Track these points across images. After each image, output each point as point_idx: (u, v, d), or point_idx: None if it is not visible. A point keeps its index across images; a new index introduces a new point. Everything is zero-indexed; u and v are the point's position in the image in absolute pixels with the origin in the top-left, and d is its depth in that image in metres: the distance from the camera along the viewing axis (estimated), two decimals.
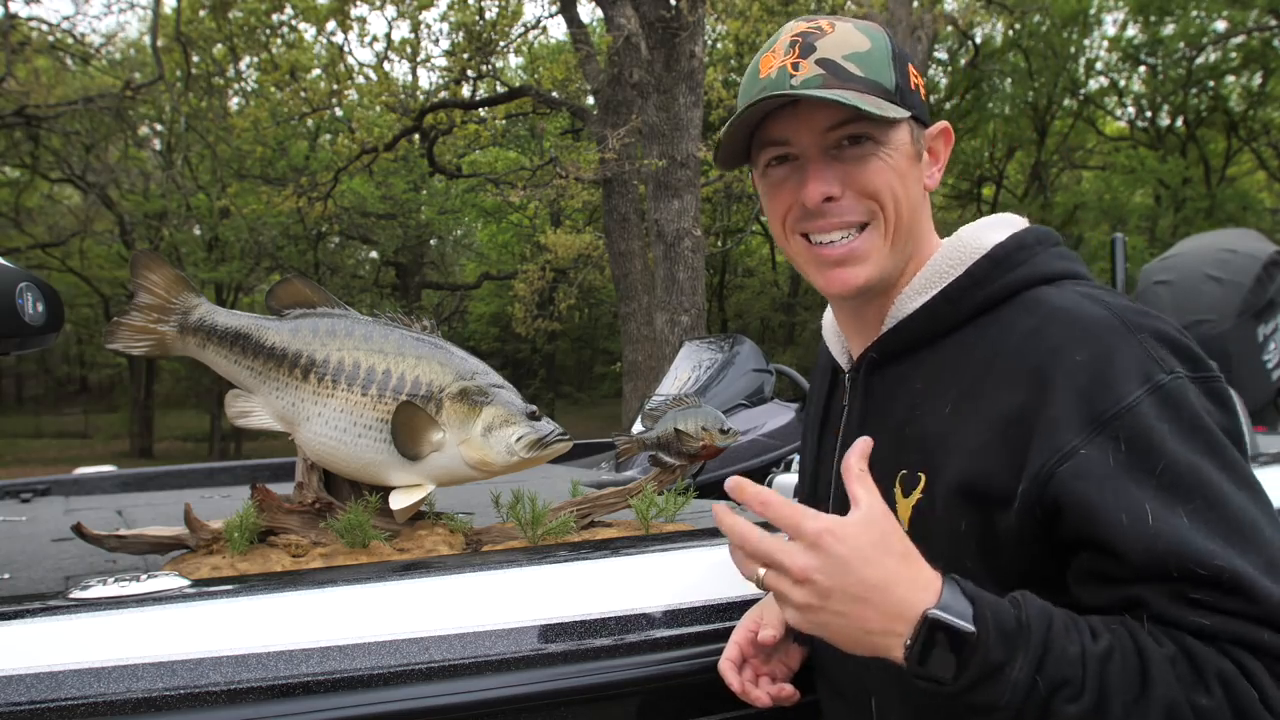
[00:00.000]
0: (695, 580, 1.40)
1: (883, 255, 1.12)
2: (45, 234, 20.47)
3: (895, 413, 1.11)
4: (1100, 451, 0.93)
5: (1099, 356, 0.96)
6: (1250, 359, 3.72)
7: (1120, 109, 23.16)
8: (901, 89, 1.11)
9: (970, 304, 1.09)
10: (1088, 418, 0.94)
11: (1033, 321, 1.02)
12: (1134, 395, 0.94)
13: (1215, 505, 0.91)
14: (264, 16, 13.22)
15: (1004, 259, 1.09)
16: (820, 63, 1.08)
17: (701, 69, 9.96)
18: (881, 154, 1.10)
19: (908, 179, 1.12)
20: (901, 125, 1.11)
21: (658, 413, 1.86)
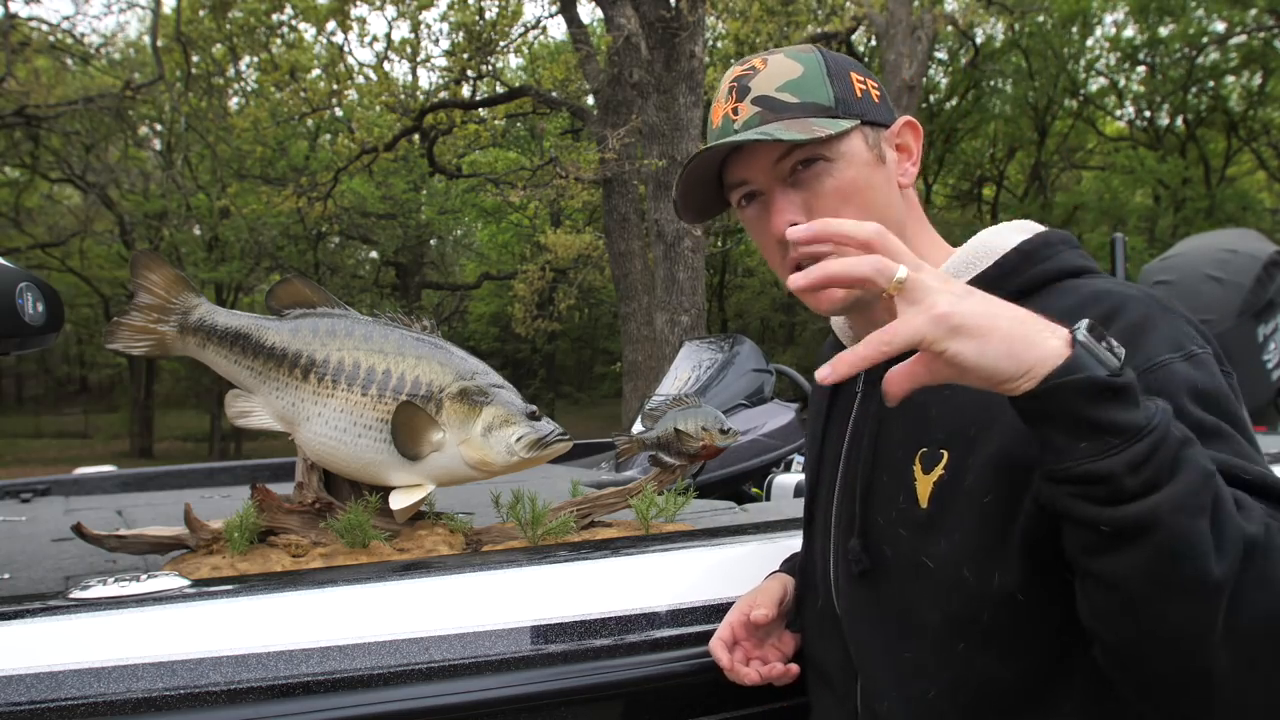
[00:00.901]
0: (695, 580, 1.40)
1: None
2: (45, 234, 20.48)
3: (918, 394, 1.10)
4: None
5: (1138, 324, 0.98)
6: (1250, 359, 3.72)
7: (1120, 109, 23.18)
8: (842, 100, 1.13)
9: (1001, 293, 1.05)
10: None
11: (1071, 302, 1.03)
12: (1167, 356, 0.96)
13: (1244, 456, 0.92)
14: (264, 16, 13.23)
15: (1033, 253, 1.11)
16: (756, 101, 1.13)
17: (701, 69, 9.96)
18: (835, 170, 1.12)
19: (873, 184, 1.14)
20: (851, 135, 1.13)
21: (658, 413, 1.86)
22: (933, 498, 1.06)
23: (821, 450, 1.28)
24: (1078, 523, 0.84)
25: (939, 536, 1.04)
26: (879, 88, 1.18)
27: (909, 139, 1.19)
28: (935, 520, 1.05)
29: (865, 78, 1.17)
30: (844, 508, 1.18)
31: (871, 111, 1.15)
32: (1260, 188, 22.98)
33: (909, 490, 1.08)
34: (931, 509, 1.06)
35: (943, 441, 1.06)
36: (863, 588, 1.14)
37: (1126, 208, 20.88)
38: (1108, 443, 0.80)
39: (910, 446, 1.09)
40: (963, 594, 1.02)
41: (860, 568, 1.13)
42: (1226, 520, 0.81)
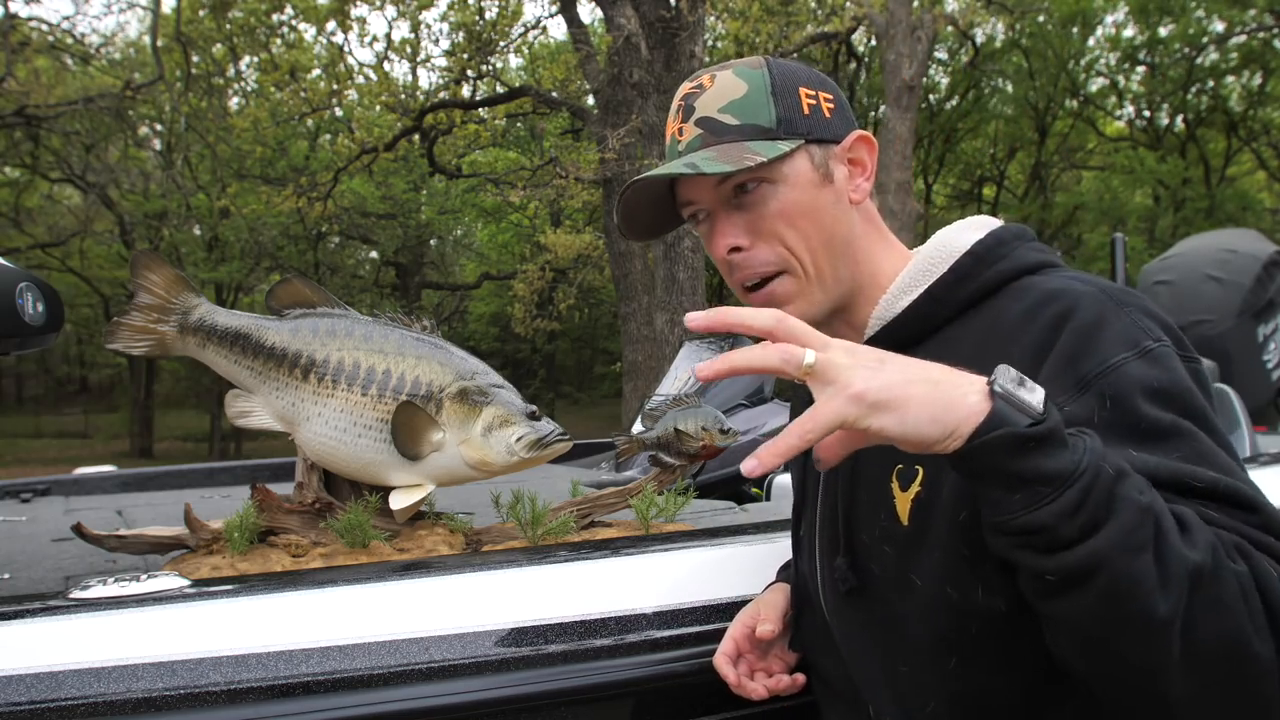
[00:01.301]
0: (695, 580, 1.40)
1: (808, 293, 1.13)
2: (45, 234, 20.48)
3: None
4: (1085, 409, 0.93)
5: (1088, 325, 0.98)
6: (1250, 359, 3.72)
7: (1120, 109, 23.18)
8: (786, 120, 1.11)
9: (956, 300, 1.10)
10: (1074, 378, 0.95)
11: (1023, 305, 1.04)
12: (1120, 356, 0.95)
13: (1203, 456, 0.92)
14: (264, 16, 13.23)
15: (985, 254, 1.10)
16: (699, 122, 1.13)
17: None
18: (778, 192, 1.10)
19: (818, 205, 1.11)
20: (795, 156, 1.11)
21: (658, 413, 1.86)
22: (912, 515, 1.05)
23: (804, 469, 1.28)
24: (1025, 571, 0.85)
25: (922, 554, 1.04)
26: (833, 99, 1.15)
27: (862, 153, 1.16)
28: (917, 537, 1.04)
29: (818, 91, 1.14)
30: (827, 527, 1.18)
31: (819, 129, 1.13)
32: (1260, 188, 22.98)
33: (889, 508, 1.07)
34: (912, 526, 1.05)
35: (917, 457, 1.04)
36: (852, 606, 1.13)
37: (1126, 208, 20.88)
38: (1039, 493, 0.79)
39: (887, 463, 1.08)
40: (949, 610, 1.01)
41: (847, 586, 1.12)
42: (1169, 552, 0.80)
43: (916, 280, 1.12)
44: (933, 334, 1.11)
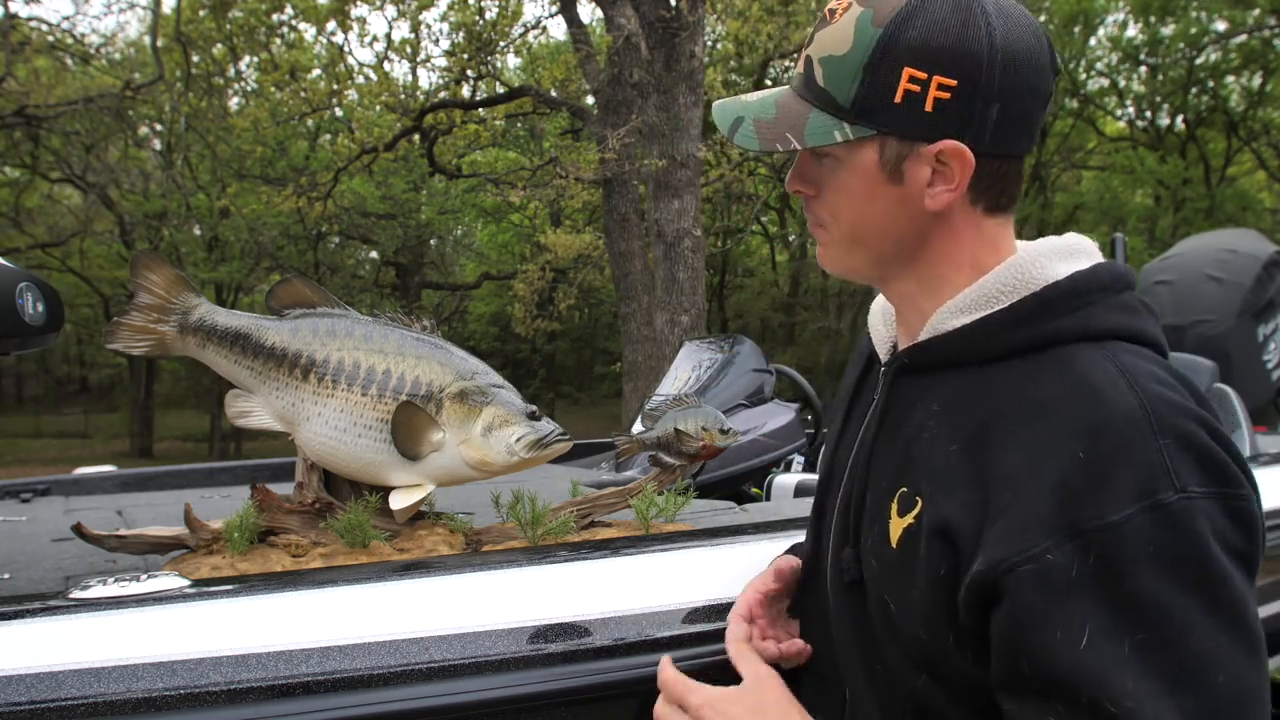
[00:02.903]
0: (695, 580, 1.40)
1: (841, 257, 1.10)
2: (45, 234, 20.47)
3: (909, 426, 1.06)
4: (1067, 559, 0.85)
5: (1105, 457, 0.87)
6: (1250, 359, 3.73)
7: (1120, 109, 23.17)
8: (864, 104, 0.98)
9: (1006, 343, 1.00)
10: (1068, 522, 0.86)
11: (1057, 388, 0.93)
12: (1125, 512, 0.85)
13: (1170, 643, 0.83)
14: (264, 16, 13.23)
15: (1055, 303, 0.98)
16: (805, 60, 1.03)
17: (701, 69, 9.96)
18: (838, 170, 1.03)
19: (874, 198, 1.02)
20: (864, 146, 1.00)
21: (658, 413, 1.86)
22: (900, 542, 1.02)
23: (836, 450, 1.24)
24: None
25: (902, 583, 1.01)
26: (954, 87, 0.96)
27: (955, 166, 0.99)
28: (900, 565, 1.02)
29: (934, 75, 0.96)
30: (843, 515, 1.17)
31: (906, 122, 0.98)
32: (1260, 188, 22.98)
33: (884, 525, 1.05)
34: (899, 552, 1.02)
35: (919, 488, 1.01)
36: (850, 596, 1.13)
37: (1126, 208, 20.88)
38: None
39: (894, 481, 1.05)
40: (918, 647, 1.00)
41: (850, 577, 1.11)
42: None
43: (978, 303, 1.02)
44: (974, 365, 1.02)
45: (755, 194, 18.96)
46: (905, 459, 1.05)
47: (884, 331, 1.22)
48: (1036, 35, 1.00)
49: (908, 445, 1.05)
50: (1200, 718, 0.82)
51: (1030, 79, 0.99)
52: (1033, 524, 0.87)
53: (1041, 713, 0.87)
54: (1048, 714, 0.86)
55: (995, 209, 1.05)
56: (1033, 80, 0.99)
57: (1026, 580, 0.86)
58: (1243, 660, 0.84)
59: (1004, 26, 0.97)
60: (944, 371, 1.06)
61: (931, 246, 1.05)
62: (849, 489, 1.15)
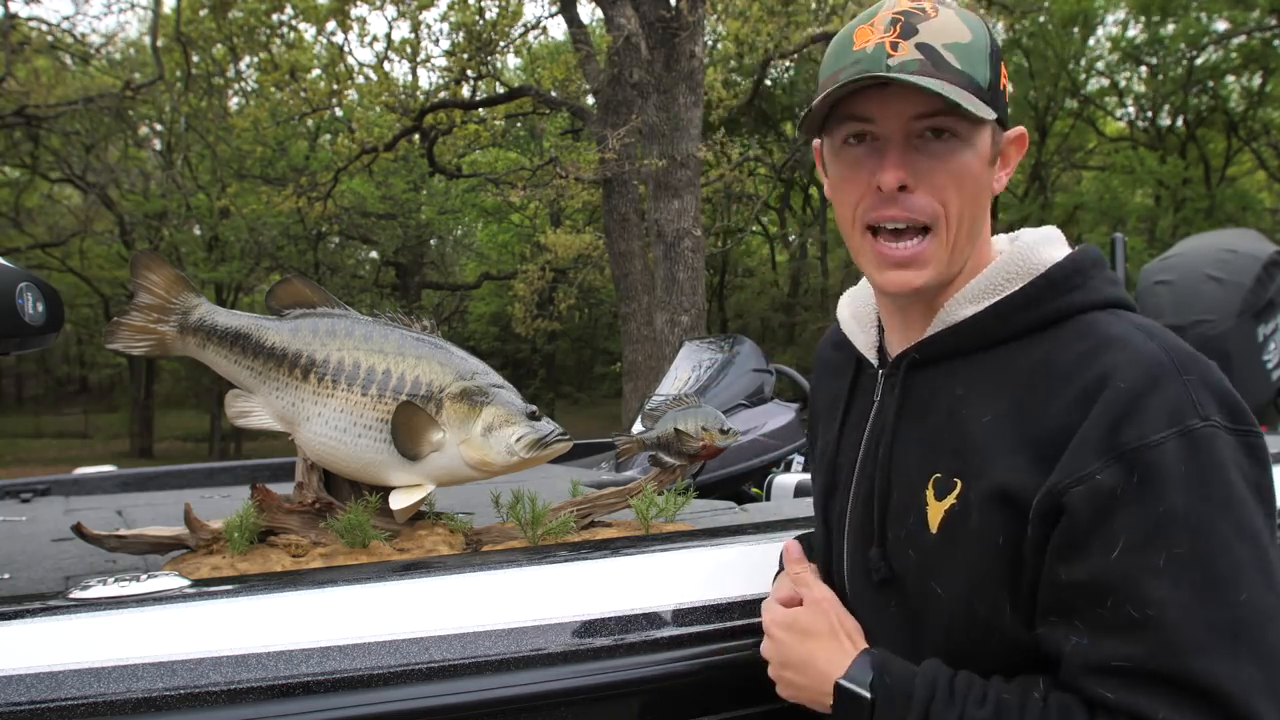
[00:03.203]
0: (695, 580, 1.40)
1: (942, 262, 1.10)
2: (45, 234, 20.48)
3: (933, 415, 1.11)
4: (1112, 480, 0.93)
5: (1140, 389, 0.96)
6: (1250, 359, 3.72)
7: (1120, 109, 23.17)
8: (994, 88, 1.08)
9: (1021, 322, 1.08)
10: (1111, 445, 0.94)
11: (1084, 346, 1.02)
12: (1161, 434, 0.93)
13: (1201, 556, 0.91)
14: (264, 16, 13.23)
15: (1061, 281, 1.08)
16: (920, 47, 1.05)
17: (701, 69, 9.97)
18: (963, 153, 1.07)
19: (979, 181, 1.10)
20: (986, 126, 1.08)
21: (658, 413, 1.86)
22: (943, 525, 1.05)
23: (836, 454, 1.26)
24: None
25: (948, 566, 1.04)
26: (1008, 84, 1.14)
27: (1013, 152, 1.15)
28: (944, 548, 1.05)
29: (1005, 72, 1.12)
30: (861, 515, 1.17)
31: (1003, 109, 1.11)
32: (1260, 188, 22.98)
33: (920, 513, 1.08)
34: (941, 536, 1.05)
35: (956, 470, 1.05)
36: (878, 595, 1.14)
37: (1126, 208, 20.88)
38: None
39: (925, 468, 1.08)
40: (972, 625, 1.03)
41: (880, 576, 1.12)
42: None
43: (987, 290, 1.10)
44: (988, 349, 1.09)
45: (755, 194, 18.96)
46: (935, 446, 1.09)
47: (863, 337, 1.26)
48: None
49: (936, 432, 1.09)
50: (1224, 629, 0.89)
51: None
52: (1084, 450, 0.95)
53: (1069, 626, 0.95)
54: (1074, 622, 0.94)
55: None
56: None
57: (1077, 499, 0.95)
58: (1262, 581, 0.91)
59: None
60: (957, 359, 1.11)
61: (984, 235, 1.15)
62: (863, 489, 1.17)
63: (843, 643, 1.12)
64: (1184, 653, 0.89)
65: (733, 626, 1.36)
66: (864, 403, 1.22)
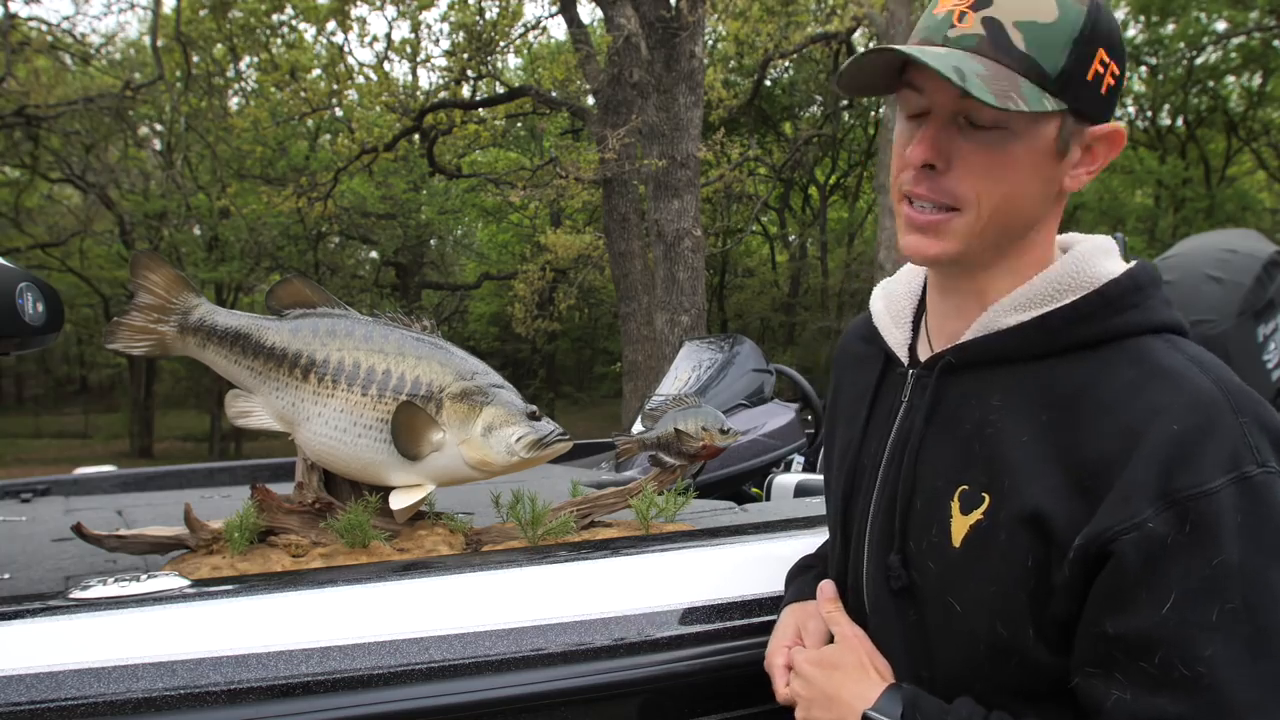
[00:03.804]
0: (695, 580, 1.40)
1: (963, 241, 1.04)
2: (45, 234, 20.47)
3: (965, 424, 1.06)
4: (1164, 528, 0.89)
5: (1194, 431, 0.91)
6: (1250, 359, 3.72)
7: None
8: (1068, 76, 0.98)
9: (1069, 338, 1.02)
10: (1164, 491, 0.90)
11: (1134, 374, 0.97)
12: (1217, 482, 0.90)
13: (1253, 609, 0.88)
14: (264, 16, 13.24)
15: (1117, 299, 1.02)
16: (986, 21, 0.98)
17: (701, 69, 9.97)
18: (1009, 143, 0.99)
19: (1034, 174, 1.01)
20: (1049, 120, 0.99)
21: (658, 413, 1.86)
22: (967, 540, 1.02)
23: (859, 454, 1.21)
24: None
25: (970, 582, 1.01)
26: (1119, 77, 1.03)
27: (1103, 149, 1.05)
28: (967, 564, 1.02)
29: (1112, 61, 1.01)
30: (883, 521, 1.13)
31: (1089, 102, 1.01)
32: (1260, 188, 22.98)
33: (944, 525, 1.04)
34: (964, 551, 1.02)
35: (985, 484, 1.01)
36: (896, 603, 1.11)
37: (1126, 208, 20.88)
38: None
39: (952, 479, 1.04)
40: (993, 644, 1.00)
41: (900, 584, 1.09)
42: None
43: (1036, 300, 1.04)
44: (1029, 361, 1.04)
45: (755, 194, 18.96)
46: (965, 457, 1.04)
47: (897, 333, 1.20)
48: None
49: (967, 443, 1.05)
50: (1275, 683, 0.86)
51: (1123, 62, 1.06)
52: (1134, 494, 0.91)
53: (1111, 680, 0.91)
54: (1116, 676, 0.91)
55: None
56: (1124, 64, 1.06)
57: (1129, 547, 0.90)
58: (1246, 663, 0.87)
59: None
60: (997, 367, 1.06)
61: (1041, 231, 1.08)
62: (886, 493, 1.13)
63: (871, 676, 1.09)
64: (1234, 710, 0.86)
65: (733, 626, 1.36)
66: (890, 401, 1.17)
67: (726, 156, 12.14)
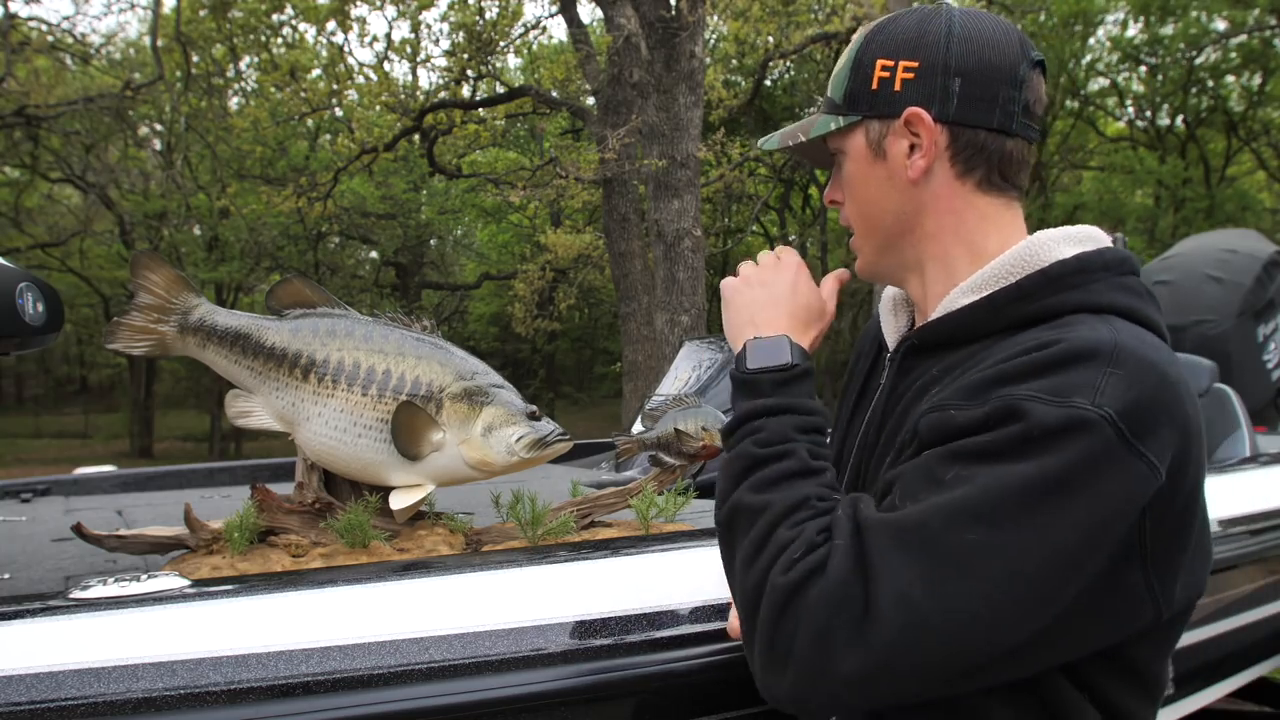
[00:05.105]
0: (695, 580, 1.40)
1: (868, 254, 1.19)
2: (45, 234, 20.46)
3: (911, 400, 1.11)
4: (967, 419, 0.93)
5: (1047, 360, 0.93)
6: (1250, 359, 3.73)
7: (1120, 109, 23.17)
8: (852, 95, 1.13)
9: (1010, 316, 1.05)
10: (985, 393, 0.94)
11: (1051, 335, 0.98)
12: (1038, 395, 0.90)
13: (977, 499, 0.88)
14: (264, 16, 13.23)
15: (1059, 279, 1.04)
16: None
17: (701, 69, 9.97)
18: (845, 164, 1.16)
19: (870, 181, 1.14)
20: (853, 132, 1.14)
21: (658, 413, 1.86)
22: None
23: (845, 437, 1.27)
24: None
25: None
26: (918, 66, 1.08)
27: (923, 132, 1.09)
28: None
29: (899, 60, 1.09)
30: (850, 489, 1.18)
31: (882, 104, 1.10)
32: (1260, 188, 22.97)
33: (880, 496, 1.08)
34: None
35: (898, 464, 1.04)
36: None
37: (1126, 208, 20.87)
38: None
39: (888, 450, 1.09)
40: None
41: None
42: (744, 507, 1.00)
43: (990, 281, 1.08)
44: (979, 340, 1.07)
45: (755, 194, 18.96)
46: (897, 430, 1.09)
47: (894, 322, 1.26)
48: (1000, 24, 1.11)
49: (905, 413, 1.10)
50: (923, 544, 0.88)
51: (990, 57, 1.08)
52: (961, 389, 0.97)
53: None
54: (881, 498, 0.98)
55: (988, 185, 1.11)
56: (994, 59, 1.08)
57: (928, 425, 0.97)
58: (1007, 550, 0.87)
59: (965, 19, 1.10)
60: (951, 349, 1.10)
61: (929, 222, 1.13)
62: (856, 468, 1.18)
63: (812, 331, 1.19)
64: (884, 530, 0.90)
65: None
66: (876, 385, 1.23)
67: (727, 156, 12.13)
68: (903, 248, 1.15)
